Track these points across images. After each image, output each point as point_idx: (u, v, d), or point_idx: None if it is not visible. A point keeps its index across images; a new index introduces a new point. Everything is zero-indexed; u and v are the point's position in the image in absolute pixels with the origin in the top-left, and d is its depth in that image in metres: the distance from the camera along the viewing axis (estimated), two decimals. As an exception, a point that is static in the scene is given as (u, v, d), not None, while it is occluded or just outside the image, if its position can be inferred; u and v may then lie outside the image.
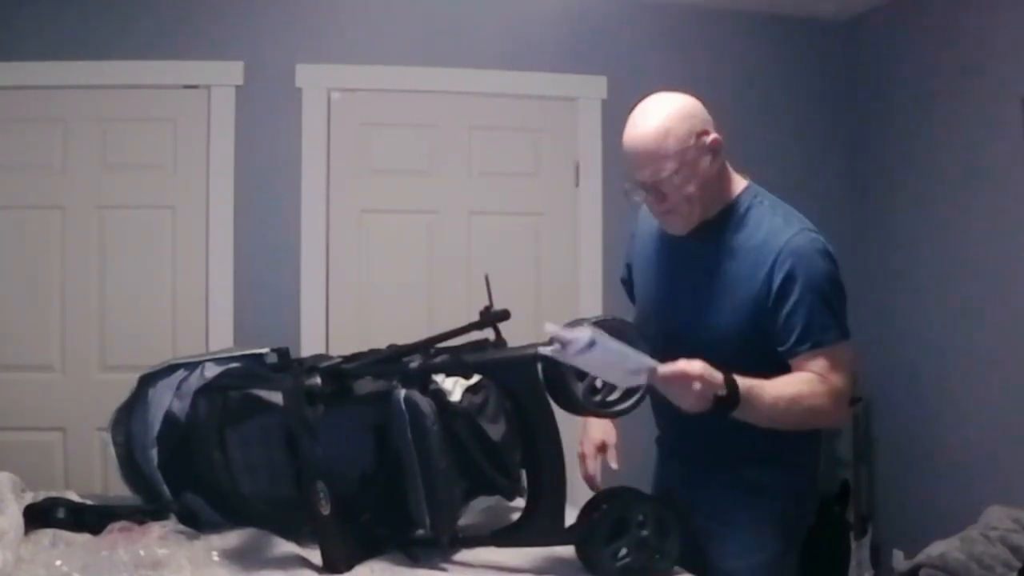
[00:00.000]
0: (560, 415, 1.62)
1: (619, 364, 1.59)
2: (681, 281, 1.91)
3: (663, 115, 1.78)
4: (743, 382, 1.63)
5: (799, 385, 1.72)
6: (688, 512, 1.85)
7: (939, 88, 3.55)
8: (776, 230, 1.80)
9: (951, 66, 3.49)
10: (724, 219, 1.85)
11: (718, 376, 1.60)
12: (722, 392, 1.60)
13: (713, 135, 1.81)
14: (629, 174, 1.82)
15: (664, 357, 1.61)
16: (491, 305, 1.98)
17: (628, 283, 2.14)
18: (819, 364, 1.74)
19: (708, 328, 1.82)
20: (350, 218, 3.66)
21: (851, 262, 4.00)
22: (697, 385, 1.57)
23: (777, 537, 1.90)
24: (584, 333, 1.52)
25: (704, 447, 1.91)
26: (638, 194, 1.84)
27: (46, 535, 1.72)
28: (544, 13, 3.74)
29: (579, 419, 1.69)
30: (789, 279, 1.74)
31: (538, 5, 3.74)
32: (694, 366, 1.57)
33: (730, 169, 1.89)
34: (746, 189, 1.88)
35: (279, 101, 3.59)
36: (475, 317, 2.04)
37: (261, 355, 1.81)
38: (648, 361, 1.58)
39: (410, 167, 3.73)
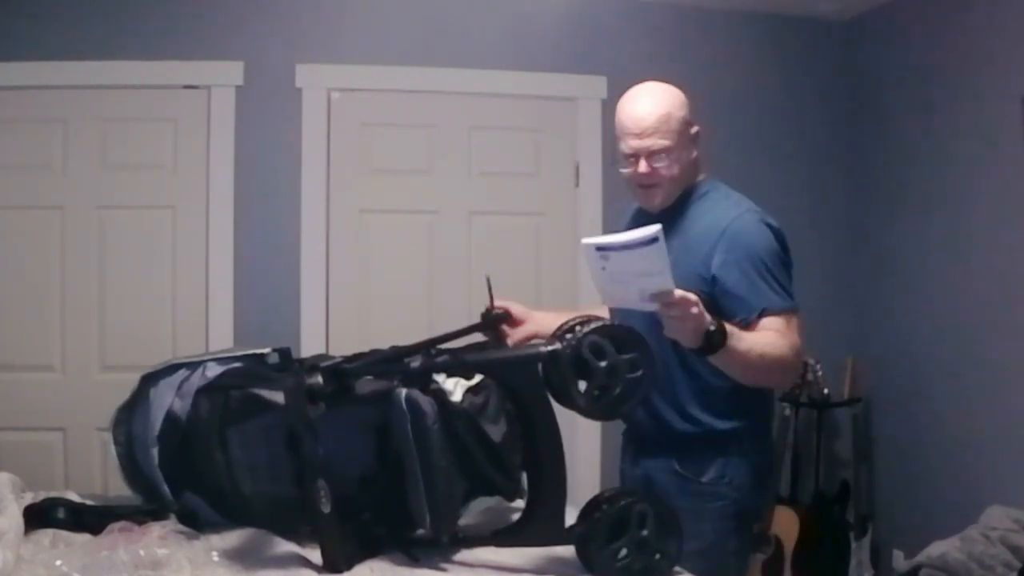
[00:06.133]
0: (561, 415, 1.62)
1: (651, 274, 1.66)
2: None
3: (667, 99, 2.01)
4: (728, 325, 1.80)
5: (770, 336, 1.89)
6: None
7: (939, 88, 3.55)
8: (721, 212, 1.99)
9: (951, 66, 3.49)
10: (683, 201, 2.06)
11: (708, 315, 1.76)
12: (712, 326, 1.75)
13: (696, 127, 2.04)
14: (627, 145, 2.00)
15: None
16: (492, 307, 1.99)
17: None
18: (772, 328, 1.90)
19: None
20: (350, 218, 3.66)
21: (851, 261, 4.04)
22: (695, 310, 1.70)
23: (717, 526, 2.02)
24: (652, 228, 1.62)
25: (652, 433, 2.07)
26: (627, 165, 2.02)
27: (46, 535, 1.72)
28: (544, 13, 3.74)
29: (580, 419, 1.69)
30: (728, 260, 1.92)
31: (538, 5, 3.74)
32: (694, 296, 1.72)
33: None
34: (707, 179, 2.11)
35: (279, 101, 3.59)
36: (475, 317, 2.04)
37: (263, 355, 1.81)
38: (671, 283, 1.67)
39: (410, 167, 3.73)
